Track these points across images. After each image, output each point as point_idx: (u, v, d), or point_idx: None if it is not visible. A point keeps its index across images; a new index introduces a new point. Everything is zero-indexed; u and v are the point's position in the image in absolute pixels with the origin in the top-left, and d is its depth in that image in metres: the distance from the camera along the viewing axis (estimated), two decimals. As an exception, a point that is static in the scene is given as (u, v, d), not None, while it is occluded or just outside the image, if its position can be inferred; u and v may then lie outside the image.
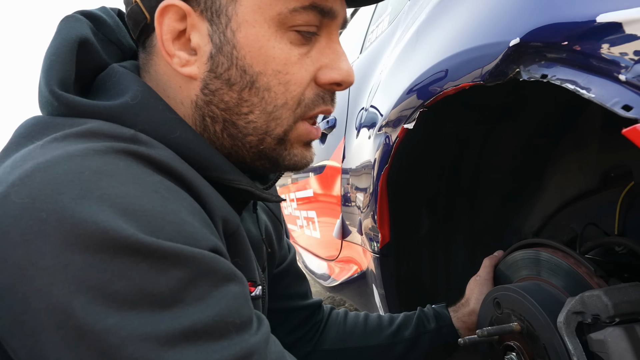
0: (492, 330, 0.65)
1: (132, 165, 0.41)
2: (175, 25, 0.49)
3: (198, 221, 0.42)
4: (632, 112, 0.38)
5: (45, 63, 0.47)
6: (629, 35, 0.39)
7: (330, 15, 0.51)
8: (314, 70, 0.52)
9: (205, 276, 0.39)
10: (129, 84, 0.49)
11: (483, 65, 0.57)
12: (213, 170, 0.50)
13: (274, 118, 0.52)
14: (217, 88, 0.51)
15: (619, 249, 0.74)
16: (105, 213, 0.36)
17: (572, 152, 0.87)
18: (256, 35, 0.49)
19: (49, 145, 0.40)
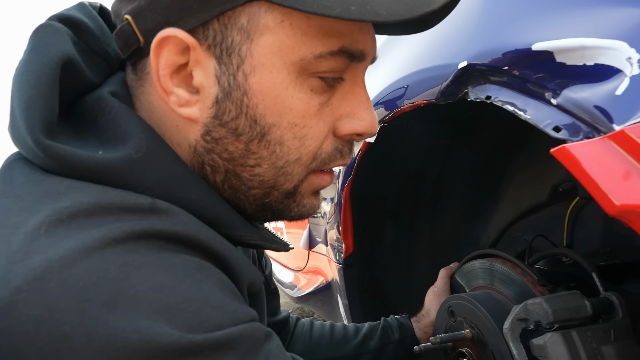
0: (445, 337, 0.68)
1: (156, 249, 0.35)
2: (175, 59, 0.41)
3: (232, 294, 0.39)
4: (561, 133, 0.42)
5: (22, 98, 0.38)
6: (560, 64, 0.43)
7: (360, 58, 0.44)
8: (334, 121, 0.45)
9: (251, 351, 0.37)
10: (130, 129, 0.41)
11: (436, 85, 0.60)
12: (224, 227, 0.44)
13: (283, 173, 0.45)
14: (222, 137, 0.43)
15: (565, 259, 0.78)
16: (145, 316, 0.31)
17: (525, 168, 0.92)
18: (273, 82, 0.41)
19: (55, 232, 0.32)
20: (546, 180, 0.88)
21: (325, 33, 0.41)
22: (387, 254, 1.09)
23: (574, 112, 0.41)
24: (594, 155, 0.37)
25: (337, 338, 0.88)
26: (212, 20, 0.40)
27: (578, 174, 0.38)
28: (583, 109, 0.40)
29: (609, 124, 0.37)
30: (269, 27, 0.40)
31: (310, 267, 1.53)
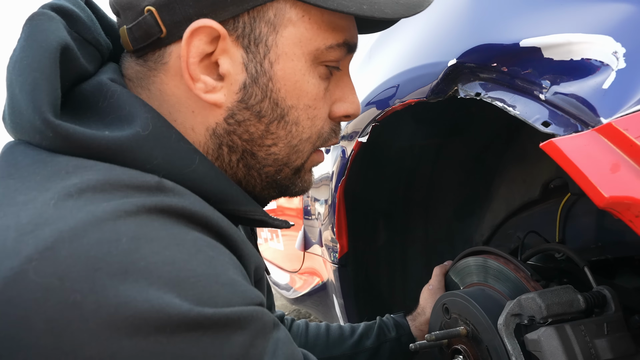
0: (440, 334, 0.68)
1: (168, 224, 0.35)
2: (205, 48, 0.44)
3: (242, 277, 0.39)
4: (550, 128, 0.42)
5: (25, 79, 0.39)
6: (547, 59, 0.44)
7: (354, 50, 0.51)
8: (330, 104, 0.52)
9: (261, 335, 0.37)
10: (135, 110, 0.42)
11: (426, 83, 0.60)
12: (230, 203, 0.46)
13: (296, 151, 0.50)
14: (245, 119, 0.47)
15: (558, 255, 0.79)
16: (155, 287, 0.31)
17: (516, 165, 0.93)
18: (294, 69, 0.46)
19: (65, 205, 0.33)
20: (537, 177, 0.89)
21: (335, 27, 0.47)
22: (382, 253, 1.10)
23: (562, 106, 0.42)
24: (582, 149, 0.37)
25: (333, 338, 0.88)
26: (242, 14, 0.44)
27: (567, 167, 0.39)
28: (571, 103, 0.41)
29: (596, 117, 0.37)
30: (292, 20, 0.45)
31: (306, 268, 1.53)
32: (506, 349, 0.59)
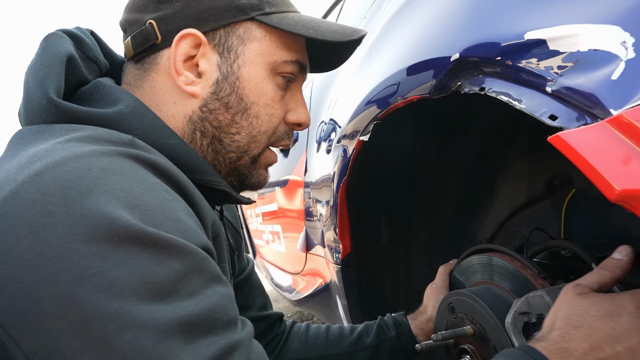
0: (446, 334, 0.67)
1: (134, 167, 0.44)
2: (189, 50, 0.58)
3: (192, 222, 0.46)
4: (557, 121, 0.41)
5: (38, 74, 0.51)
6: (553, 51, 0.43)
7: (304, 71, 0.65)
8: (285, 111, 0.65)
9: (198, 272, 0.42)
10: (120, 95, 0.55)
11: (428, 79, 0.59)
12: (197, 172, 0.56)
13: (255, 141, 0.62)
14: (215, 108, 0.59)
15: (564, 252, 0.78)
16: (112, 205, 0.39)
17: (519, 162, 0.92)
18: (256, 73, 0.60)
19: (54, 147, 0.43)
20: (541, 174, 0.88)
21: (289, 47, 0.62)
22: (384, 253, 1.08)
23: (569, 99, 0.41)
24: (592, 141, 0.37)
25: (333, 336, 0.89)
26: (219, 28, 0.59)
27: (576, 160, 0.38)
28: (579, 95, 0.40)
29: (606, 109, 0.37)
30: (257, 37, 0.60)
31: (308, 270, 1.52)
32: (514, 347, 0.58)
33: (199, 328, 0.40)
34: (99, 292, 0.36)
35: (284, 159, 1.63)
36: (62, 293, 0.36)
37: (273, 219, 1.95)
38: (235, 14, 0.58)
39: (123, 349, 0.36)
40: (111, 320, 0.36)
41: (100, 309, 0.36)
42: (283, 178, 1.63)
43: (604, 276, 0.52)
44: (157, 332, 0.37)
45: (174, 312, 0.38)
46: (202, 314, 0.40)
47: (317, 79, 1.48)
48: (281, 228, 1.84)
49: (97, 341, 0.36)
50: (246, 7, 0.58)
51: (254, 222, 2.50)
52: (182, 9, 0.57)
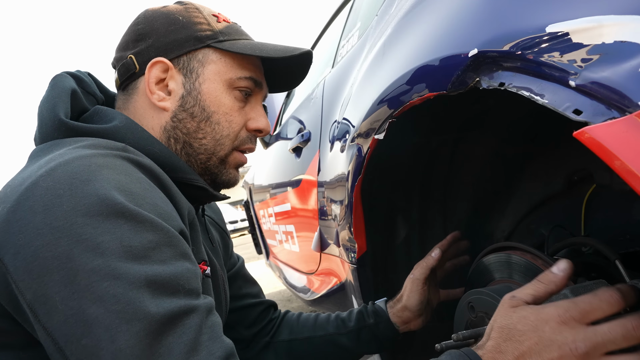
0: (467, 333, 0.66)
1: (125, 164, 0.57)
2: (159, 74, 0.72)
3: (169, 208, 0.58)
4: (582, 115, 0.40)
5: (50, 103, 0.65)
6: (576, 44, 0.42)
7: (260, 87, 0.79)
8: (246, 120, 0.77)
9: (168, 246, 0.53)
10: (115, 115, 0.69)
11: (446, 75, 0.59)
12: (178, 171, 0.69)
13: (219, 144, 0.75)
14: (183, 118, 0.73)
15: (585, 249, 0.76)
16: (105, 189, 0.51)
17: (537, 158, 0.90)
18: (214, 88, 0.73)
19: (65, 152, 0.55)
20: (560, 169, 0.86)
21: (243, 66, 0.76)
22: (400, 251, 1.08)
23: (595, 92, 0.40)
24: (621, 135, 0.35)
25: (321, 320, 0.99)
26: (182, 55, 0.73)
27: (604, 156, 0.37)
28: (605, 88, 0.39)
29: (634, 102, 0.36)
30: (214, 60, 0.74)
31: (323, 269, 1.52)
32: None
33: (164, 288, 0.50)
34: (88, 252, 0.48)
35: (296, 159, 1.63)
36: (61, 253, 0.47)
37: (286, 219, 1.95)
38: (194, 43, 0.73)
39: (100, 293, 0.47)
40: (95, 272, 0.47)
41: (88, 264, 0.47)
42: (296, 178, 1.63)
43: (539, 289, 0.55)
44: (128, 283, 0.48)
45: (143, 271, 0.49)
46: (167, 277, 0.51)
47: (328, 79, 1.47)
48: (294, 228, 1.84)
49: (82, 288, 0.47)
50: (203, 37, 0.73)
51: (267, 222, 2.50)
52: (153, 43, 0.72)
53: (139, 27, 0.74)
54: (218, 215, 1.01)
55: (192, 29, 0.73)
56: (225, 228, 1.02)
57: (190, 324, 0.51)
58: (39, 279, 0.47)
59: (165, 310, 0.49)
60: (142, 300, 0.48)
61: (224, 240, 0.98)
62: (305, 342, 0.96)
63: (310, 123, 1.52)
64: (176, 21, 0.73)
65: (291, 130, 1.84)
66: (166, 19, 0.73)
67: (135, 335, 0.47)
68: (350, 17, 1.58)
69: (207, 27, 0.74)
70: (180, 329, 0.50)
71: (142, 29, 0.74)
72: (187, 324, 0.50)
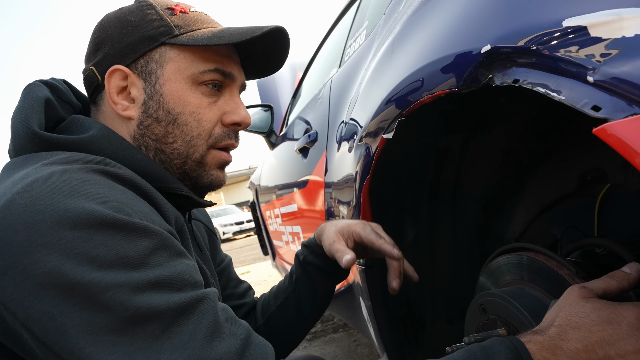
0: (479, 336, 0.65)
1: (105, 179, 0.55)
2: (119, 83, 0.68)
3: (156, 216, 0.57)
4: (601, 112, 0.39)
5: (22, 114, 0.62)
6: (595, 38, 0.41)
7: (230, 77, 0.72)
8: (220, 114, 0.72)
9: (164, 248, 0.53)
10: (91, 124, 0.65)
11: (457, 72, 0.57)
12: (161, 181, 0.66)
13: (192, 145, 0.70)
14: (149, 124, 0.69)
15: (599, 250, 0.74)
16: (89, 203, 0.49)
17: (549, 157, 0.89)
18: (176, 88, 0.68)
19: (41, 168, 0.53)
20: (572, 169, 0.85)
21: (206, 59, 0.69)
22: (409, 252, 1.06)
23: (614, 88, 0.38)
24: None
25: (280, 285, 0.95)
26: (138, 59, 0.68)
27: (626, 153, 0.36)
28: (625, 84, 0.37)
29: (657, 97, 0.34)
30: (172, 58, 0.69)
31: (329, 271, 1.50)
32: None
33: (169, 286, 0.50)
34: (83, 265, 0.46)
35: (303, 159, 1.62)
36: (52, 269, 0.45)
37: (293, 219, 1.94)
38: (148, 43, 0.68)
39: (106, 302, 0.46)
40: (94, 284, 0.46)
41: (85, 277, 0.46)
42: (302, 179, 1.62)
43: (611, 285, 0.54)
44: (132, 289, 0.47)
45: (146, 276, 0.49)
46: (171, 276, 0.51)
47: (335, 79, 1.46)
48: (301, 229, 1.83)
49: (82, 300, 0.46)
50: (156, 35, 0.68)
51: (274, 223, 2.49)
52: (109, 51, 0.69)
53: (95, 35, 0.71)
54: (204, 215, 1.00)
55: (144, 28, 0.68)
56: (213, 227, 1.00)
57: (207, 309, 0.52)
58: (32, 297, 0.46)
59: (176, 304, 0.49)
60: (150, 301, 0.48)
61: (212, 240, 0.97)
62: (275, 313, 0.93)
63: (317, 123, 1.51)
64: (128, 23, 0.69)
65: (298, 130, 1.83)
66: (119, 22, 0.69)
67: (151, 334, 0.47)
68: (357, 16, 1.57)
69: (161, 24, 0.69)
70: (198, 315, 0.51)
71: (98, 38, 0.70)
72: (202, 310, 0.51)
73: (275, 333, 0.92)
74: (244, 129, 0.77)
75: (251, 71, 0.80)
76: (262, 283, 4.79)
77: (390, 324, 1.04)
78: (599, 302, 0.51)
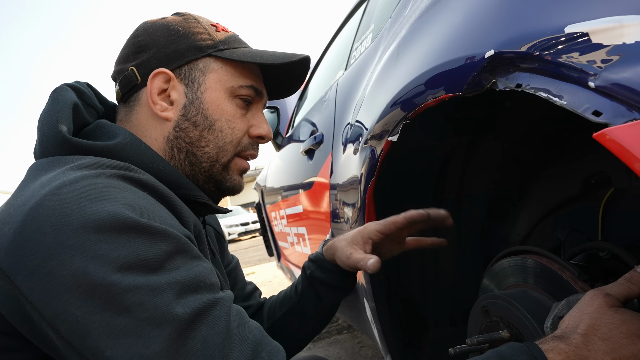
0: (481, 338, 0.65)
1: (127, 184, 0.57)
2: (161, 85, 0.72)
3: (175, 222, 0.59)
4: (602, 117, 0.40)
5: (52, 118, 0.64)
6: (596, 44, 0.41)
7: (260, 95, 0.79)
8: (248, 126, 0.78)
9: (182, 252, 0.54)
10: (118, 131, 0.68)
11: (461, 77, 0.58)
12: (182, 188, 0.70)
13: (222, 151, 0.74)
14: (186, 127, 0.73)
15: (602, 254, 0.75)
16: (114, 206, 0.51)
17: (553, 161, 0.89)
18: (216, 97, 0.74)
19: (68, 172, 0.55)
20: (577, 173, 0.85)
21: (244, 75, 0.76)
22: (413, 255, 1.07)
23: (615, 94, 0.39)
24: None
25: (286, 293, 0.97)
26: (183, 65, 0.73)
27: (626, 158, 0.36)
28: (626, 90, 0.38)
29: (657, 103, 0.35)
30: (215, 69, 0.74)
31: (334, 273, 1.51)
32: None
33: (186, 288, 0.52)
34: (105, 266, 0.48)
35: (308, 161, 1.63)
36: (77, 270, 0.47)
37: (298, 221, 1.95)
38: (195, 53, 0.73)
39: (126, 304, 0.48)
40: (114, 285, 0.48)
41: (106, 278, 0.48)
42: (308, 180, 1.63)
43: (632, 290, 0.52)
44: (150, 290, 0.49)
45: (164, 278, 0.51)
46: (187, 278, 0.52)
47: (341, 81, 1.47)
48: (306, 230, 1.84)
49: (103, 302, 0.47)
50: (203, 47, 0.73)
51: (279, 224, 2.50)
52: (154, 54, 0.72)
53: (138, 39, 0.74)
54: (213, 219, 1.02)
55: (192, 38, 0.73)
56: (221, 230, 1.03)
57: (219, 315, 0.53)
58: (57, 297, 0.47)
59: (191, 308, 0.51)
60: (168, 303, 0.49)
61: (220, 243, 1.00)
62: (280, 320, 0.94)
63: (323, 125, 1.52)
64: (176, 32, 0.73)
65: (303, 132, 1.84)
66: (166, 30, 0.73)
67: (167, 337, 0.48)
68: (363, 19, 1.58)
69: (207, 37, 0.74)
70: (211, 321, 0.52)
71: (142, 41, 0.74)
72: (216, 316, 0.53)
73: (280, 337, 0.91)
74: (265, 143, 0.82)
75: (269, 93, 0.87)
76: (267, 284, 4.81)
77: (393, 326, 1.05)
78: (628, 314, 0.49)
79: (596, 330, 0.49)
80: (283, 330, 0.93)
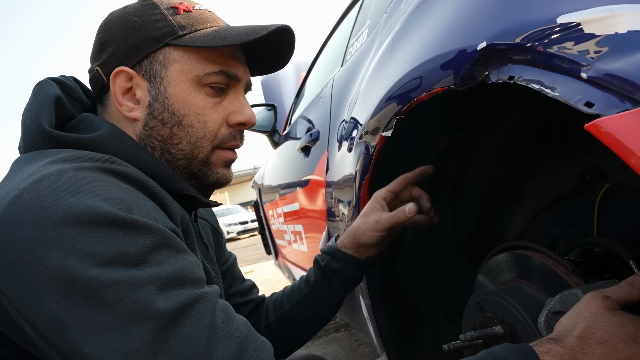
0: (475, 334, 0.65)
1: (110, 177, 0.55)
2: (124, 84, 0.69)
3: (160, 214, 0.57)
4: (594, 108, 0.39)
5: (33, 112, 0.63)
6: (588, 35, 0.41)
7: (235, 79, 0.72)
8: (225, 115, 0.72)
9: (165, 246, 0.53)
10: (101, 124, 0.67)
11: (454, 70, 0.58)
12: (168, 181, 0.67)
13: (197, 147, 0.70)
14: (154, 125, 0.69)
15: (598, 249, 0.74)
16: (93, 200, 0.50)
17: (549, 156, 0.88)
18: (181, 89, 0.68)
19: (49, 165, 0.53)
20: (572, 168, 0.85)
21: (211, 60, 0.69)
22: (408, 251, 1.06)
23: (607, 84, 0.38)
24: (634, 127, 0.34)
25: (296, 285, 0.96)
26: (142, 60, 0.68)
27: (617, 149, 0.36)
28: (618, 80, 0.37)
29: (649, 93, 0.34)
30: (176, 59, 0.68)
31: (330, 270, 1.50)
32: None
33: (170, 283, 0.50)
34: (84, 261, 0.47)
35: (305, 158, 1.62)
36: (55, 265, 0.46)
37: (295, 219, 1.94)
38: (152, 44, 0.68)
39: (105, 299, 0.46)
40: (93, 280, 0.46)
41: (85, 274, 0.46)
42: (304, 178, 1.62)
43: (633, 294, 0.51)
44: (131, 285, 0.47)
45: (145, 273, 0.49)
46: (171, 272, 0.51)
47: (337, 78, 1.47)
48: (303, 228, 1.83)
49: (82, 297, 0.46)
50: (160, 36, 0.68)
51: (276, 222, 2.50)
52: (114, 52, 0.69)
53: (100, 35, 0.71)
54: (210, 215, 1.00)
55: (148, 28, 0.68)
56: (218, 227, 1.01)
57: (204, 310, 0.51)
58: (34, 292, 0.46)
59: (174, 303, 0.49)
60: (149, 299, 0.48)
61: (217, 239, 0.98)
62: (289, 312, 0.94)
63: (319, 122, 1.51)
64: (132, 24, 0.68)
65: (300, 129, 1.84)
66: (122, 23, 0.69)
67: (148, 333, 0.47)
68: (360, 15, 1.57)
69: (164, 24, 0.68)
70: (195, 317, 0.50)
71: (103, 38, 0.70)
72: (200, 311, 0.51)
73: (288, 330, 0.94)
74: (250, 129, 0.77)
75: (256, 68, 0.80)
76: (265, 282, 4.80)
77: (389, 323, 1.05)
78: (626, 317, 0.48)
79: (592, 334, 0.48)
80: (292, 321, 0.93)
